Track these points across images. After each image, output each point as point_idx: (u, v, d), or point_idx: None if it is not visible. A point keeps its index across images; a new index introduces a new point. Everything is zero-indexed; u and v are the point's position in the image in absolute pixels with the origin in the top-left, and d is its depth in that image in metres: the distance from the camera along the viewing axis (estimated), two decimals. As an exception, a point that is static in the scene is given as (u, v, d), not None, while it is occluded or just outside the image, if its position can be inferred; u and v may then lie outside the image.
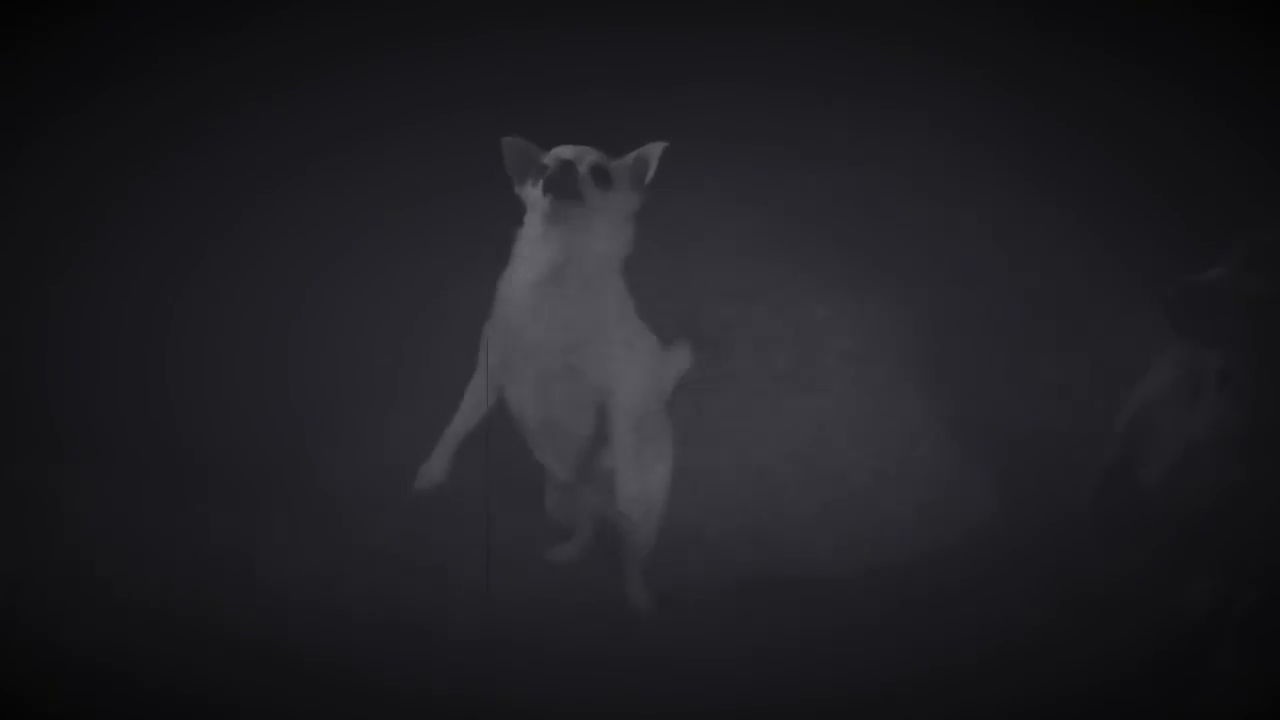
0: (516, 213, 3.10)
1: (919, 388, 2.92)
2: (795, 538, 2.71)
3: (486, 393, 2.37)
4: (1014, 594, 2.55)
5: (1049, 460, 2.77)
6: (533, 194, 2.28)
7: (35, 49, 2.87)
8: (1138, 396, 2.48)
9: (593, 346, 2.31)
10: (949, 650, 2.46)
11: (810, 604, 2.58)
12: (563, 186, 2.22)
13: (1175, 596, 2.41)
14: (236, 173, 2.93)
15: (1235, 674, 2.30)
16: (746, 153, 3.20)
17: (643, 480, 2.42)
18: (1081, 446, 2.66)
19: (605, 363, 2.32)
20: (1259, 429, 2.29)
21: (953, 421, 2.88)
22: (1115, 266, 3.02)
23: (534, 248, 2.30)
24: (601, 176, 2.26)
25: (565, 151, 2.26)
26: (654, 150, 2.33)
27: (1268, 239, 2.27)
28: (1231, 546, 2.35)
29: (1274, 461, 2.29)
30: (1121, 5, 3.07)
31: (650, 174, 2.32)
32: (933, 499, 2.76)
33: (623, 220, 2.32)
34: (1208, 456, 2.33)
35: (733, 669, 2.44)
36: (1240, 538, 2.34)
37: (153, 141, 2.91)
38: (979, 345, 2.96)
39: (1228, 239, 2.31)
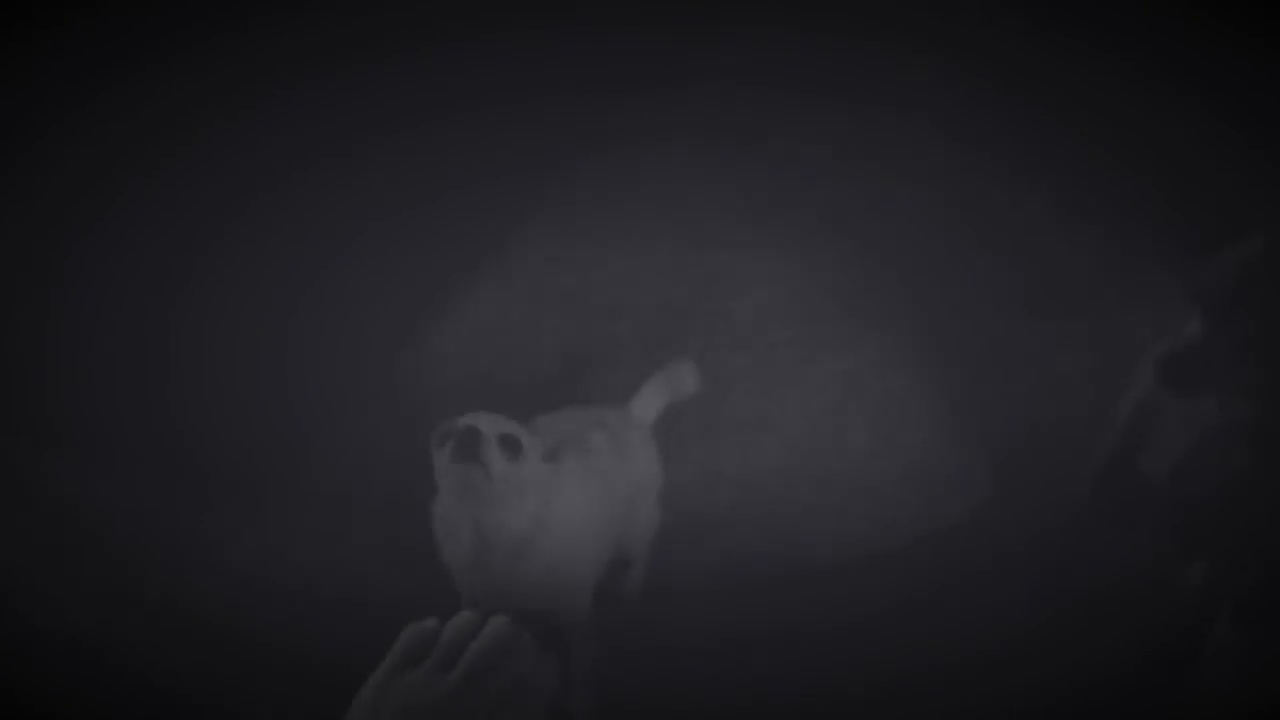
0: (515, 212, 3.14)
1: (917, 378, 2.92)
2: (792, 530, 2.71)
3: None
4: (1012, 586, 2.56)
5: (1049, 450, 2.77)
6: (442, 462, 2.11)
7: (35, 49, 2.87)
8: (1137, 386, 2.48)
9: (546, 615, 2.27)
10: (947, 641, 2.48)
11: (808, 597, 2.59)
12: (467, 453, 2.06)
13: (1175, 585, 2.41)
14: (236, 172, 2.93)
15: (1234, 661, 2.30)
16: (738, 144, 3.21)
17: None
18: (1081, 436, 2.66)
19: (567, 614, 2.27)
20: (1262, 418, 2.29)
21: (951, 412, 2.88)
22: (1114, 256, 3.03)
23: (452, 523, 2.18)
24: (511, 446, 2.09)
25: (477, 419, 2.09)
26: (576, 430, 2.26)
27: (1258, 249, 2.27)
28: (1233, 535, 2.35)
29: (1275, 450, 2.29)
30: (1121, 6, 3.08)
31: (560, 453, 2.17)
32: (931, 492, 2.76)
33: (529, 493, 2.13)
34: (1209, 445, 2.33)
35: (728, 661, 2.45)
36: (1242, 525, 2.34)
37: (153, 141, 2.91)
38: (977, 336, 2.96)
39: (1220, 242, 2.31)
